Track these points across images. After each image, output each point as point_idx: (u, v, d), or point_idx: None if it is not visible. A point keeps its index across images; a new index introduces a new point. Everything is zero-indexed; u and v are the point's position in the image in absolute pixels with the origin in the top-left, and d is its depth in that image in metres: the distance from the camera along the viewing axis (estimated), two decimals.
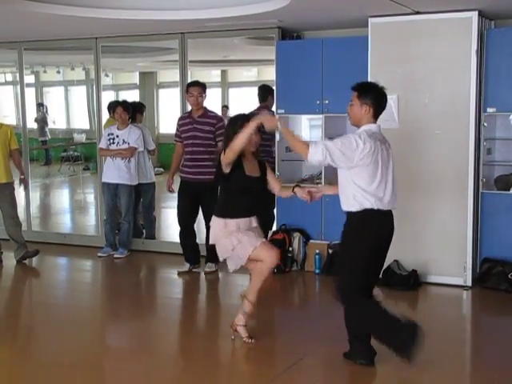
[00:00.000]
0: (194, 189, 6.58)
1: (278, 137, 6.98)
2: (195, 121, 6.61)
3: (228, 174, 4.60)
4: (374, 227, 4.17)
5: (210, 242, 4.83)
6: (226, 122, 12.03)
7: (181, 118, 6.80)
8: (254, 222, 4.73)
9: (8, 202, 7.22)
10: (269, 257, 4.55)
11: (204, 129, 6.58)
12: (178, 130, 6.75)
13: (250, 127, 4.37)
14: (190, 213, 6.75)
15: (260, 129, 4.48)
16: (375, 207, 4.13)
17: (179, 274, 6.77)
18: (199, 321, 5.60)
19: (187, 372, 4.50)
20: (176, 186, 6.90)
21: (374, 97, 4.16)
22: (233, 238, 4.59)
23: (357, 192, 4.12)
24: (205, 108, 6.68)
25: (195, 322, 5.64)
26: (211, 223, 4.78)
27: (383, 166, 4.14)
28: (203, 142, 6.57)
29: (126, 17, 6.18)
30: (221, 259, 4.78)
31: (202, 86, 6.63)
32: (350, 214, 4.20)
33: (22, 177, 7.39)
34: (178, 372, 4.49)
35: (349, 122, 4.41)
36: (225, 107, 11.89)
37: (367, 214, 4.14)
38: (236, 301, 5.39)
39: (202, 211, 6.68)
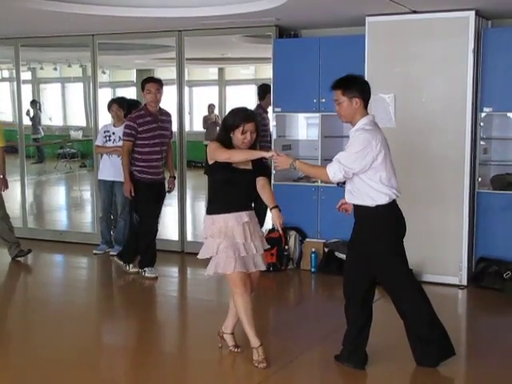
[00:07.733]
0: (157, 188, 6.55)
1: (274, 135, 7.01)
2: (159, 119, 6.40)
3: (212, 164, 4.27)
4: (400, 216, 4.19)
5: (204, 240, 4.41)
6: (215, 118, 12.08)
7: (139, 117, 6.30)
8: (244, 217, 4.28)
9: None
10: (235, 291, 4.30)
11: (168, 127, 6.52)
12: (134, 129, 6.24)
13: (257, 154, 4.21)
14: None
15: (257, 128, 4.30)
16: (394, 196, 4.12)
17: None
18: (196, 319, 5.59)
19: (183, 370, 4.51)
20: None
21: (360, 88, 4.16)
22: (216, 244, 4.25)
23: (375, 186, 4.05)
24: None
25: (191, 320, 5.63)
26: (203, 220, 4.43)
27: (388, 153, 4.11)
28: (167, 140, 6.52)
29: (123, 14, 6.18)
30: (199, 257, 4.39)
31: (159, 83, 6.41)
32: (370, 210, 4.07)
33: (1, 177, 6.95)
34: (174, 370, 4.47)
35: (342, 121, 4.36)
36: (212, 105, 11.97)
37: (391, 205, 4.12)
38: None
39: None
